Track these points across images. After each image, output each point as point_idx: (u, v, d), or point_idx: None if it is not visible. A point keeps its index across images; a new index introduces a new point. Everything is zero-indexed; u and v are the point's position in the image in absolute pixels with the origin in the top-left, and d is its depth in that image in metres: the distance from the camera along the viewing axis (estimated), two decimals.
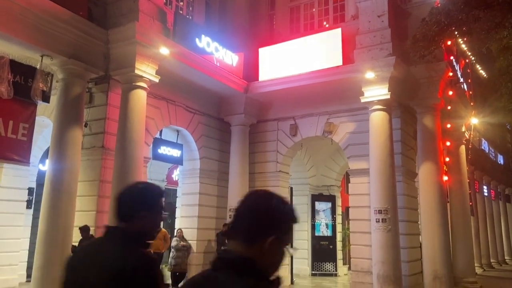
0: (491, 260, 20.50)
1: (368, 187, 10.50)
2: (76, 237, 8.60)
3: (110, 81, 9.55)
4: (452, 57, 11.44)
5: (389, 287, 9.48)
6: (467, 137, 14.71)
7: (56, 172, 8.47)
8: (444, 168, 11.61)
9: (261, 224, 1.43)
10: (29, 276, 10.04)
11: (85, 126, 9.29)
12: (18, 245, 10.78)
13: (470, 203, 15.12)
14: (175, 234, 12.07)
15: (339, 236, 15.77)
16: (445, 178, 11.34)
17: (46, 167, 8.98)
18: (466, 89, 13.77)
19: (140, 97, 9.22)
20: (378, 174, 10.04)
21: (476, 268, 15.41)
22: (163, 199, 2.00)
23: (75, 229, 8.57)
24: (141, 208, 1.89)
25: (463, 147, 14.89)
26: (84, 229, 7.96)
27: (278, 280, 1.47)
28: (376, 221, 9.92)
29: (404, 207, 10.82)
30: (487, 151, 21.41)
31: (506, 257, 24.21)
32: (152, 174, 14.80)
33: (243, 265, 1.37)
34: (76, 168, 8.66)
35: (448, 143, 12.28)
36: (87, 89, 9.41)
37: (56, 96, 8.88)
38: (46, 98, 8.61)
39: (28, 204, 11.42)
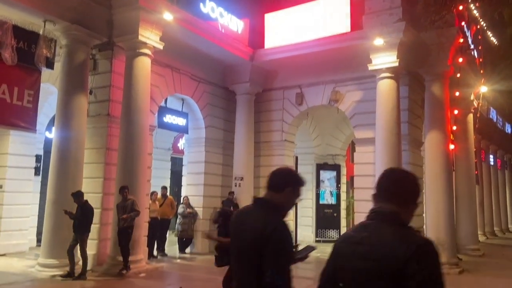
0: (495, 228, 20.69)
1: (373, 156, 10.49)
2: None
3: (114, 48, 9.44)
4: (463, 23, 11.12)
5: None
6: (475, 105, 14.54)
7: (62, 139, 8.54)
8: (451, 137, 11.53)
9: (410, 192, 1.98)
10: (39, 240, 10.29)
11: (90, 93, 9.27)
12: (28, 210, 11.00)
13: (476, 172, 15.12)
14: (181, 201, 12.26)
15: (343, 204, 15.92)
16: (452, 146, 11.29)
17: (53, 134, 9.02)
18: (476, 56, 13.48)
19: (144, 64, 9.14)
20: (383, 143, 10.01)
21: (479, 236, 15.59)
22: (302, 187, 2.42)
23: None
24: (288, 185, 2.34)
25: (471, 116, 14.75)
26: (77, 195, 8.09)
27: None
28: None
29: None
30: (495, 120, 21.20)
31: (509, 226, 24.44)
32: (158, 143, 14.86)
33: (394, 217, 1.90)
34: (82, 135, 8.71)
35: (456, 112, 12.14)
36: (91, 56, 9.33)
37: (60, 63, 8.82)
38: (50, 65, 8.55)
39: (36, 171, 11.57)
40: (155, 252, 10.80)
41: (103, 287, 7.37)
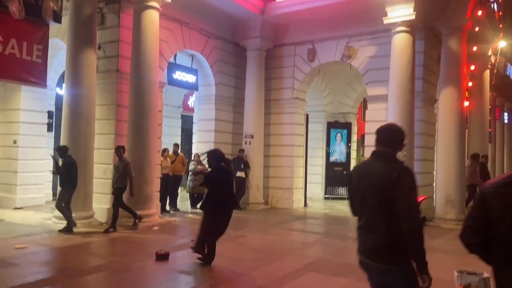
0: None
1: (386, 114, 10.35)
2: (96, 158, 8.91)
3: (121, 1, 9.22)
4: None
5: None
6: (493, 61, 14.10)
7: (73, 96, 8.55)
8: (466, 94, 11.29)
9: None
10: (54, 194, 10.60)
11: (99, 48, 9.15)
12: (42, 166, 11.23)
13: (489, 130, 14.93)
14: (192, 158, 12.37)
15: (353, 163, 15.95)
16: (466, 103, 11.07)
17: (63, 90, 9.03)
18: (495, 10, 12.92)
19: (152, 18, 8.93)
20: (396, 100, 9.84)
21: None
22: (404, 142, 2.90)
23: (96, 151, 8.85)
24: (398, 140, 2.84)
25: (487, 72, 14.37)
26: (60, 150, 8.16)
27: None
28: None
29: (421, 133, 10.73)
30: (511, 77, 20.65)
31: None
32: (168, 100, 14.83)
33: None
34: (92, 91, 8.69)
35: (472, 67, 11.82)
36: (98, 10, 9.14)
37: (67, 17, 8.67)
38: (57, 18, 8.39)
39: (49, 127, 11.71)
40: (167, 207, 11.06)
41: (118, 239, 7.61)
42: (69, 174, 7.98)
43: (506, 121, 20.89)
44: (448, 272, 5.57)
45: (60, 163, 8.17)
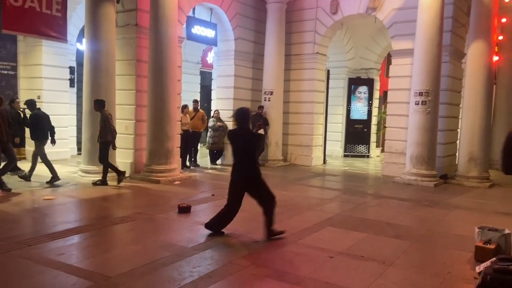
0: None
1: (410, 69, 10.05)
2: (118, 114, 9.01)
3: None
4: None
5: (422, 167, 9.64)
6: None
7: (93, 51, 8.54)
8: (496, 48, 10.78)
9: None
10: (79, 149, 10.88)
11: (118, 2, 9.01)
12: (66, 121, 11.47)
13: None
14: (211, 115, 12.40)
15: (374, 120, 15.72)
16: (495, 58, 10.60)
17: (84, 46, 9.01)
18: None
19: None
20: (423, 54, 9.49)
21: None
22: None
23: (117, 107, 8.93)
24: None
25: None
26: (28, 103, 8.22)
27: None
28: (416, 104, 9.69)
29: (447, 89, 10.41)
30: None
31: None
32: (187, 56, 14.69)
33: None
34: (112, 46, 8.65)
35: (503, 20, 11.21)
36: None
37: None
38: None
39: (71, 83, 11.84)
40: (187, 163, 11.25)
41: (141, 192, 7.83)
42: (36, 127, 8.02)
43: None
44: (469, 228, 5.58)
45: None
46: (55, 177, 7.98)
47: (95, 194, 7.37)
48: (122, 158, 9.17)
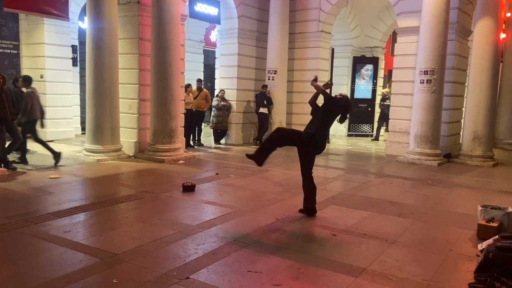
0: None
1: (416, 47, 9.92)
2: (122, 93, 9.00)
3: None
4: None
5: (426, 146, 9.63)
6: None
7: (95, 29, 8.45)
8: (503, 25, 10.59)
9: None
10: (83, 129, 10.91)
11: None
12: (70, 100, 11.47)
13: None
14: (216, 94, 12.36)
15: (378, 99, 15.61)
16: (503, 36, 10.42)
17: (86, 24, 8.92)
18: None
19: None
20: (429, 31, 9.34)
21: None
22: None
23: (121, 86, 8.91)
24: None
25: None
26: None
27: None
28: (421, 82, 9.60)
29: (453, 68, 10.29)
30: None
31: None
32: (190, 34, 14.56)
33: None
34: (114, 24, 8.56)
35: None
36: None
37: None
38: None
39: (74, 62, 11.79)
40: (191, 142, 11.27)
41: (145, 171, 7.89)
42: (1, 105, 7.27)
43: None
44: (472, 207, 5.60)
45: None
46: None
47: (100, 173, 7.43)
48: (127, 137, 9.21)
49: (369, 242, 4.41)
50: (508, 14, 11.54)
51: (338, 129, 15.20)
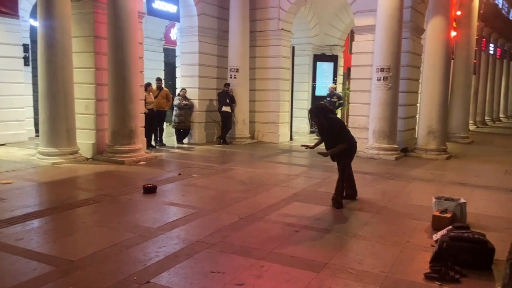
0: (486, 118, 21.15)
1: (373, 45, 10.18)
2: (78, 93, 8.69)
3: None
4: None
5: (384, 141, 9.92)
6: None
7: (47, 27, 8.10)
8: (454, 23, 11.07)
9: None
10: (37, 131, 10.43)
11: None
12: (22, 101, 10.96)
13: (474, 61, 14.90)
14: (177, 93, 12.18)
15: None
16: (453, 33, 10.89)
17: (37, 22, 8.53)
18: None
19: None
20: (384, 30, 9.62)
21: (469, 125, 15.98)
22: None
23: (77, 86, 8.59)
24: None
25: (476, 1, 14.04)
26: None
27: None
28: (378, 79, 9.88)
29: (407, 65, 10.65)
30: (500, 6, 20.27)
31: (501, 115, 24.91)
32: (148, 32, 14.28)
33: None
34: (67, 21, 8.24)
35: None
36: None
37: None
38: None
39: (26, 61, 11.26)
40: (153, 143, 11.06)
41: (104, 174, 7.66)
42: None
43: (491, 52, 20.80)
44: (427, 199, 5.82)
45: None
46: None
47: (56, 177, 7.14)
48: (84, 139, 8.90)
49: (331, 237, 4.49)
50: (458, 13, 12.06)
51: (300, 126, 15.41)
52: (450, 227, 4.21)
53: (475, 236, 3.87)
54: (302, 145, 6.21)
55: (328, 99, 14.02)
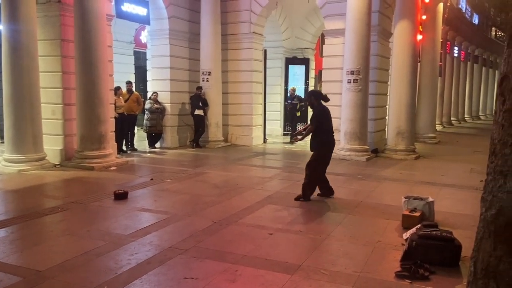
0: (452, 118, 21.88)
1: (343, 48, 10.36)
2: (44, 98, 8.44)
3: None
4: None
5: (355, 143, 10.10)
6: None
7: (11, 30, 7.84)
8: (420, 27, 11.41)
9: None
10: (1, 137, 10.05)
11: None
12: None
13: (440, 64, 15.40)
14: (148, 97, 12.01)
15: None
16: (419, 37, 11.23)
17: (1, 25, 8.24)
18: None
19: None
20: (353, 33, 9.81)
21: (436, 125, 16.50)
22: None
23: (43, 90, 8.34)
24: None
25: (441, 5, 14.53)
26: None
27: None
28: (348, 82, 10.05)
29: (376, 68, 10.89)
30: (463, 10, 21.07)
31: (466, 116, 25.82)
32: (118, 35, 14.03)
33: None
34: (33, 24, 8.00)
35: (427, 0, 11.86)
36: None
37: None
38: None
39: None
40: (124, 147, 10.85)
41: (73, 180, 7.45)
42: None
43: (456, 54, 21.55)
44: (397, 198, 5.96)
45: None
46: None
47: (22, 185, 6.89)
48: (51, 145, 8.64)
49: (304, 239, 4.52)
50: (424, 17, 12.44)
51: (274, 129, 15.48)
52: (419, 225, 4.33)
53: (443, 234, 3.99)
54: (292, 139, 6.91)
55: (290, 101, 14.07)
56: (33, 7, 8.00)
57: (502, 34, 27.81)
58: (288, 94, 14.42)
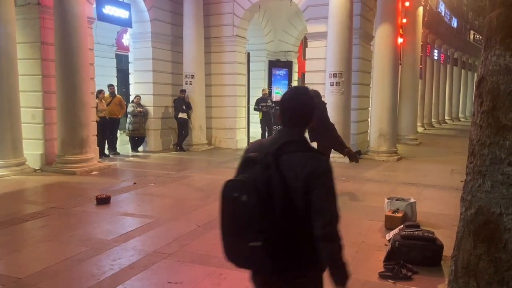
0: (432, 120, 22.29)
1: (325, 51, 10.44)
2: (24, 102, 8.28)
3: None
4: None
5: None
6: None
7: None
8: (400, 30, 11.61)
9: None
10: None
11: None
12: None
13: (420, 66, 15.68)
14: (130, 100, 11.89)
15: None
16: (400, 40, 11.42)
17: None
18: None
19: None
20: (335, 36, 9.90)
21: (418, 127, 16.78)
22: None
23: (22, 94, 8.19)
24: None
25: (420, 9, 14.81)
26: None
27: None
28: (331, 85, 10.13)
29: (358, 70, 11.02)
30: (443, 14, 21.52)
31: (446, 117, 26.33)
32: (99, 38, 13.84)
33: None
34: (11, 27, 7.85)
35: (407, 4, 12.08)
36: None
37: None
38: None
39: None
40: (106, 151, 10.71)
41: (54, 185, 7.32)
42: None
43: (435, 57, 21.98)
44: (380, 200, 6.03)
45: None
46: None
47: (1, 190, 6.73)
48: (31, 149, 8.47)
49: None
50: (404, 20, 12.65)
51: (258, 132, 15.42)
52: (402, 226, 4.39)
53: (425, 234, 4.05)
54: None
55: (264, 104, 13.74)
56: (11, 10, 7.86)
57: (479, 37, 28.49)
58: (261, 96, 13.27)
